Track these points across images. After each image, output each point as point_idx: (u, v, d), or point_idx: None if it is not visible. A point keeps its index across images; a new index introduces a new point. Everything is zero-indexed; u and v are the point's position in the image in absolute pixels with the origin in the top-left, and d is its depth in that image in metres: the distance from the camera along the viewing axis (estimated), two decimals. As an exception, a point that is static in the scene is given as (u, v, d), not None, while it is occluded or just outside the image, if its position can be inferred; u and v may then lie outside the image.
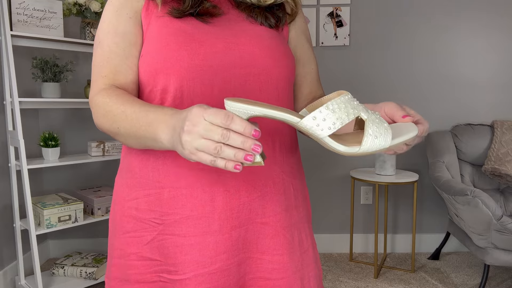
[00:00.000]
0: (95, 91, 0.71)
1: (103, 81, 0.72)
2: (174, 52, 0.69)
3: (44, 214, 2.07)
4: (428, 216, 2.86)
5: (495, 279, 2.44)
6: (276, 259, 0.75)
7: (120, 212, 0.76)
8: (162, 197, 0.71)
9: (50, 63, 2.19)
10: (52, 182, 2.75)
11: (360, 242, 2.88)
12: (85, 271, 2.24)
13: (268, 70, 0.74)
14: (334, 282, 2.40)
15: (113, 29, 0.73)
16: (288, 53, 0.78)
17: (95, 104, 0.70)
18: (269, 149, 0.75)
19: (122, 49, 0.72)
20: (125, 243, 0.75)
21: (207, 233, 0.71)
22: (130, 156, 0.76)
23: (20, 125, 2.00)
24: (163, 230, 0.72)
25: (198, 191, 0.70)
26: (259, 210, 0.74)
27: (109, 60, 0.72)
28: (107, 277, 0.78)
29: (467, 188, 2.13)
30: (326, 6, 2.74)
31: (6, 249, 2.32)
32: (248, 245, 0.74)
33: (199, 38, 0.70)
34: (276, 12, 0.80)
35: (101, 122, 0.69)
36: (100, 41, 0.73)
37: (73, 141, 2.73)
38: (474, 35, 2.73)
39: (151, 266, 0.73)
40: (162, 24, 0.72)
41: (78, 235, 2.80)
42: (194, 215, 0.70)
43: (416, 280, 2.43)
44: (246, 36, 0.74)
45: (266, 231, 0.75)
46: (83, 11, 2.26)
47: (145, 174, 0.73)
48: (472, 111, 2.78)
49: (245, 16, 0.77)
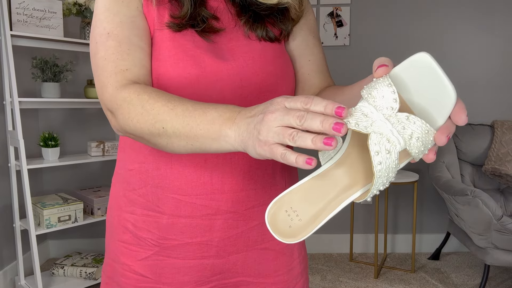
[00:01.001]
0: (117, 87, 0.61)
1: (125, 76, 0.62)
2: (174, 80, 0.65)
3: (44, 214, 2.07)
4: (428, 216, 2.85)
5: (495, 279, 2.44)
6: (278, 280, 0.76)
7: (117, 218, 0.75)
8: (161, 221, 0.70)
9: (50, 63, 2.19)
10: (52, 182, 2.75)
11: (360, 242, 2.88)
12: (85, 271, 2.24)
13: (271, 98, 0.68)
14: (334, 282, 2.40)
15: (128, 20, 0.64)
16: (291, 73, 0.74)
17: (123, 100, 0.60)
18: (268, 177, 0.73)
19: (146, 44, 0.65)
20: (120, 251, 0.74)
21: (204, 257, 0.71)
22: (129, 170, 0.73)
23: (20, 125, 2.00)
24: (159, 251, 0.71)
25: (197, 221, 0.70)
26: (258, 238, 0.74)
27: (130, 52, 0.63)
28: (103, 272, 0.78)
29: (467, 188, 2.13)
30: (326, 6, 2.74)
31: (6, 249, 2.32)
32: (247, 269, 0.74)
33: (200, 63, 0.65)
34: (279, 24, 0.74)
35: (137, 121, 0.59)
36: (110, 32, 0.63)
37: (73, 141, 2.73)
38: (474, 35, 2.73)
39: (141, 282, 0.72)
40: (161, 41, 0.66)
41: (78, 235, 2.80)
42: (193, 242, 0.70)
43: (416, 280, 2.43)
44: (248, 59, 0.69)
45: (266, 255, 0.75)
46: (83, 11, 2.26)
47: (144, 194, 0.70)
48: (472, 111, 2.78)
49: (245, 30, 0.71)
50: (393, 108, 0.45)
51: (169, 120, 0.56)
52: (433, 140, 0.46)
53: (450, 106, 0.46)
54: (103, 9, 0.65)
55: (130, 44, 0.63)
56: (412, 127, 0.45)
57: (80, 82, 2.68)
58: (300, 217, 0.51)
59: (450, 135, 0.46)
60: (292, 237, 0.50)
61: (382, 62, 0.48)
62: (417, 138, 0.45)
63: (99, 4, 0.66)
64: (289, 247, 0.78)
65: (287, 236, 0.50)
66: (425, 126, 0.45)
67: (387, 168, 0.45)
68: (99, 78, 0.63)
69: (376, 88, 0.47)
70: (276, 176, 0.74)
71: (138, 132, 0.60)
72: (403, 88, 0.48)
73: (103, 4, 0.65)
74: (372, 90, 0.47)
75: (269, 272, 0.75)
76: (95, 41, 0.64)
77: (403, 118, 0.45)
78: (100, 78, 0.63)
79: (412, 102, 0.48)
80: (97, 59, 0.64)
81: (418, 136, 0.45)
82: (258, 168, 0.71)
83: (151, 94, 0.58)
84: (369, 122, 0.45)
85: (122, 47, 0.63)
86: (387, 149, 0.45)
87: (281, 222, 0.50)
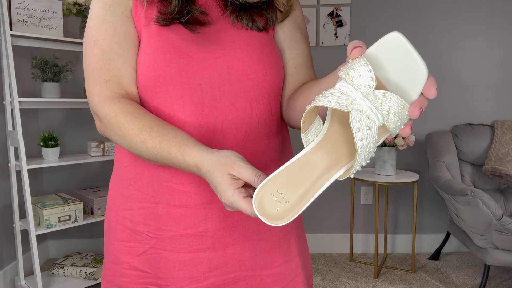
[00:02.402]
0: (101, 99, 0.67)
1: (108, 87, 0.67)
2: (162, 71, 0.67)
3: (44, 214, 2.07)
4: (428, 216, 2.85)
5: (495, 279, 2.44)
6: (274, 271, 0.76)
7: (114, 219, 0.76)
8: (157, 212, 0.71)
9: (50, 63, 2.19)
10: (52, 182, 2.75)
11: (360, 242, 2.88)
12: (85, 271, 2.24)
13: (259, 84, 0.71)
14: (334, 282, 2.40)
15: (111, 27, 0.68)
16: (278, 61, 0.75)
17: (104, 116, 0.66)
18: (263, 164, 0.74)
19: (125, 50, 0.68)
20: (119, 251, 0.75)
21: (200, 250, 0.71)
22: (125, 166, 0.75)
23: (20, 125, 2.00)
24: (156, 244, 0.72)
25: (192, 211, 0.70)
26: (254, 228, 0.74)
27: (110, 62, 0.67)
28: (103, 278, 0.79)
29: (467, 188, 2.13)
30: (326, 6, 2.74)
31: (6, 249, 2.32)
32: (245, 263, 0.73)
33: (187, 53, 0.68)
34: (264, 13, 0.76)
35: (115, 140, 0.67)
36: (96, 40, 0.68)
37: (73, 141, 2.73)
38: (474, 35, 2.73)
39: (142, 277, 0.73)
40: (149, 36, 0.68)
41: (78, 235, 2.80)
42: (188, 234, 0.70)
43: (416, 280, 2.43)
44: (235, 48, 0.71)
45: (262, 245, 0.75)
46: (83, 11, 2.26)
47: (140, 187, 0.72)
48: (472, 111, 2.78)
49: (232, 20, 0.73)
50: (370, 86, 0.48)
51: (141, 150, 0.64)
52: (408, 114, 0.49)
53: (422, 81, 0.49)
54: (93, 16, 0.69)
55: (111, 53, 0.68)
56: (389, 103, 0.47)
57: (80, 82, 2.68)
58: (287, 199, 0.53)
59: (422, 108, 0.49)
60: (280, 219, 0.53)
61: (356, 44, 0.50)
62: (394, 113, 0.48)
63: (91, 10, 0.70)
64: (285, 239, 0.78)
65: (275, 219, 0.53)
66: (400, 101, 0.48)
67: (368, 144, 0.48)
68: (87, 83, 0.69)
69: (353, 68, 0.49)
70: (271, 163, 0.75)
71: (118, 145, 0.68)
72: (378, 67, 0.50)
73: (94, 11, 0.70)
74: (349, 71, 0.49)
75: (266, 263, 0.75)
76: (85, 47, 0.70)
77: (380, 95, 0.48)
78: (88, 84, 0.69)
79: (387, 79, 0.50)
80: (86, 65, 0.69)
81: (395, 112, 0.48)
82: (252, 154, 0.72)
83: (127, 118, 0.64)
84: (349, 101, 0.48)
85: (105, 57, 0.67)
86: (368, 125, 0.47)
87: (268, 206, 0.53)
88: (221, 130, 0.69)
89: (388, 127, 0.48)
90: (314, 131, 0.55)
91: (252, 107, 0.71)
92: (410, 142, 2.45)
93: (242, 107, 0.70)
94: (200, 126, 0.68)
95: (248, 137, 0.71)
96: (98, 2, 0.69)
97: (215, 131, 0.69)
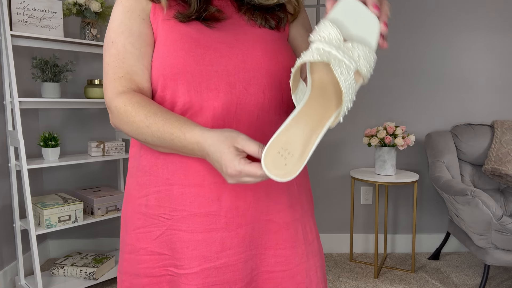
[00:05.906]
0: (114, 93, 0.73)
1: (121, 83, 0.73)
2: (181, 59, 0.72)
3: (44, 214, 2.07)
4: (428, 216, 2.86)
5: (495, 279, 2.44)
6: (279, 253, 0.78)
7: (131, 209, 0.79)
8: (171, 193, 0.74)
9: (50, 63, 2.19)
10: (52, 182, 2.75)
11: (360, 242, 2.88)
12: (85, 271, 2.24)
13: (271, 72, 0.76)
14: (334, 282, 2.40)
15: (127, 29, 0.74)
16: (290, 54, 0.80)
17: (114, 108, 0.72)
18: None
19: (137, 49, 0.74)
20: (136, 239, 0.78)
21: (213, 230, 0.73)
22: (140, 156, 0.79)
23: (20, 125, 2.00)
24: (172, 225, 0.74)
25: (206, 190, 0.73)
26: (264, 209, 0.77)
27: (124, 60, 0.73)
28: (119, 271, 0.82)
29: (467, 188, 2.13)
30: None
31: (6, 249, 2.32)
32: (254, 242, 0.76)
33: (204, 43, 0.73)
34: (277, 13, 0.82)
35: (124, 129, 0.73)
36: (114, 41, 0.74)
37: (73, 141, 2.73)
38: (474, 35, 2.73)
39: (160, 261, 0.76)
40: (168, 29, 0.74)
41: (78, 235, 2.80)
42: (201, 213, 0.73)
43: (416, 280, 2.43)
44: (249, 40, 0.76)
45: (270, 227, 0.77)
46: (83, 11, 2.26)
47: (155, 172, 0.76)
48: (472, 111, 2.78)
49: (246, 19, 0.79)
50: (340, 40, 0.59)
51: (147, 135, 0.70)
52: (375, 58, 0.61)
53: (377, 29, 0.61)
54: (112, 20, 0.77)
55: (125, 53, 0.74)
56: (358, 51, 0.59)
57: (80, 82, 2.68)
58: (292, 153, 0.61)
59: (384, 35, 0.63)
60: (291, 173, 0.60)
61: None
62: (364, 58, 0.59)
63: (112, 15, 0.78)
64: (293, 225, 0.80)
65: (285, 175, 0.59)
66: (366, 48, 0.59)
67: (350, 86, 0.58)
68: (104, 80, 0.76)
69: (322, 31, 0.60)
70: None
71: (128, 135, 0.73)
72: (341, 26, 0.61)
73: (114, 15, 0.77)
74: (320, 32, 0.60)
75: (271, 244, 0.78)
76: (104, 48, 0.77)
77: (349, 46, 0.59)
78: (104, 81, 0.76)
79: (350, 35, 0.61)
80: (104, 64, 0.76)
81: (364, 57, 0.59)
82: (262, 136, 0.77)
83: (134, 107, 0.70)
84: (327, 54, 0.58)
85: (119, 56, 0.74)
86: (347, 70, 0.57)
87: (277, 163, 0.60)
88: (234, 114, 0.74)
89: (360, 71, 0.59)
90: (300, 92, 0.65)
91: (265, 93, 0.76)
92: (410, 142, 2.45)
93: (255, 92, 0.75)
94: (215, 109, 0.73)
95: (260, 121, 0.76)
96: (118, 6, 0.76)
97: (229, 114, 0.73)
